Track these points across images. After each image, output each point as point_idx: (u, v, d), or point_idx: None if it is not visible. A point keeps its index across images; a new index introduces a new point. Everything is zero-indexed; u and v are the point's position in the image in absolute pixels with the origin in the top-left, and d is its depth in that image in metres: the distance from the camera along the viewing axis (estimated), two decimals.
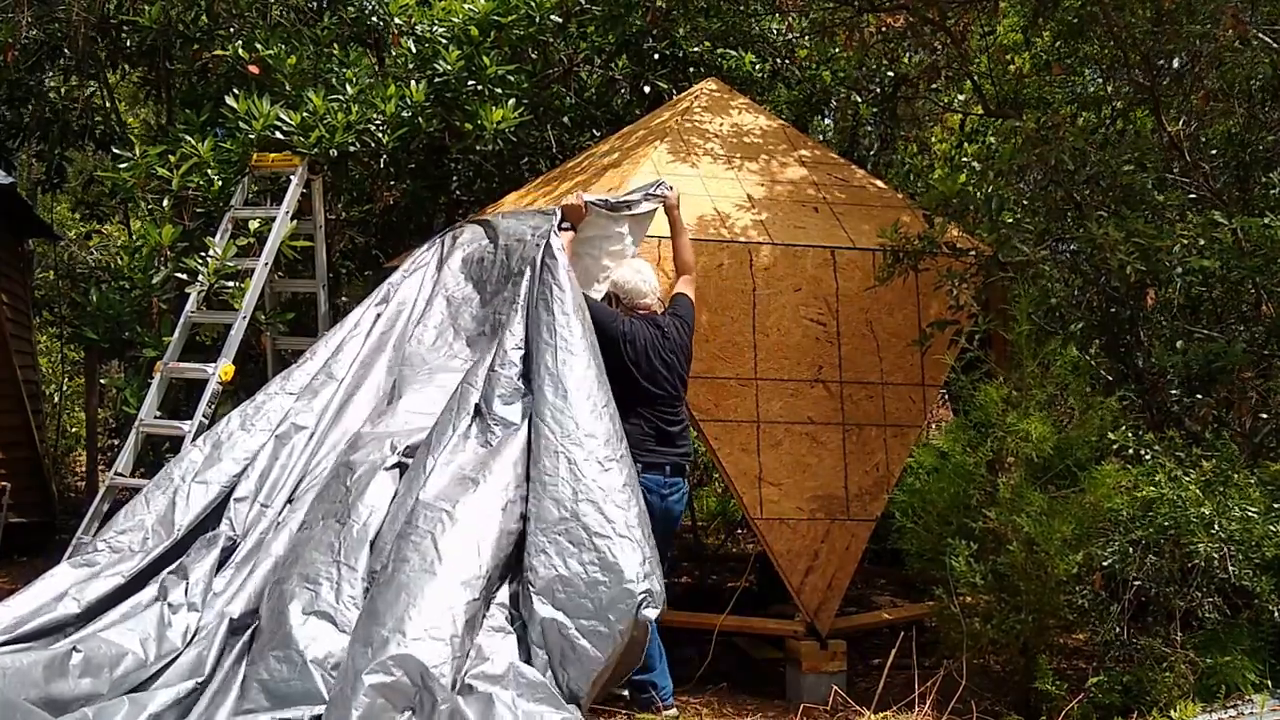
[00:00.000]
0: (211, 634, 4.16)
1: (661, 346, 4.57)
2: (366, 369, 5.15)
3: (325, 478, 4.70)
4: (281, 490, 4.85)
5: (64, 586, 4.47)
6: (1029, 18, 6.30)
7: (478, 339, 5.12)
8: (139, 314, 6.02)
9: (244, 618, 4.23)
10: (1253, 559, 4.03)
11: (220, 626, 4.19)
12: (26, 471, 7.92)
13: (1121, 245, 4.58)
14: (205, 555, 4.52)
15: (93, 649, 3.84)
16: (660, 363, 4.55)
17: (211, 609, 4.32)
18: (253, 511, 4.78)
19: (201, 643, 4.15)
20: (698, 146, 5.96)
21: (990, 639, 4.28)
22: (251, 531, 4.69)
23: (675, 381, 4.60)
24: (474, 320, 5.21)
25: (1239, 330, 5.22)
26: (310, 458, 4.94)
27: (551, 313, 4.46)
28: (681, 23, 7.78)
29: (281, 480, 4.87)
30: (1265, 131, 5.48)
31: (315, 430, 5.00)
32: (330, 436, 4.97)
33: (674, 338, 4.61)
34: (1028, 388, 4.44)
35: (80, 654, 3.73)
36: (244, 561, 4.53)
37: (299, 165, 5.95)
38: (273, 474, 4.88)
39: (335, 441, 4.94)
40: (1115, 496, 4.14)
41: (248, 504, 4.79)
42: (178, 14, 6.49)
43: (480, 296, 5.25)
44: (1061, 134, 5.29)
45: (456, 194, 7.94)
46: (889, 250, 5.16)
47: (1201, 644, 4.09)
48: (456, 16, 6.51)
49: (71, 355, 11.68)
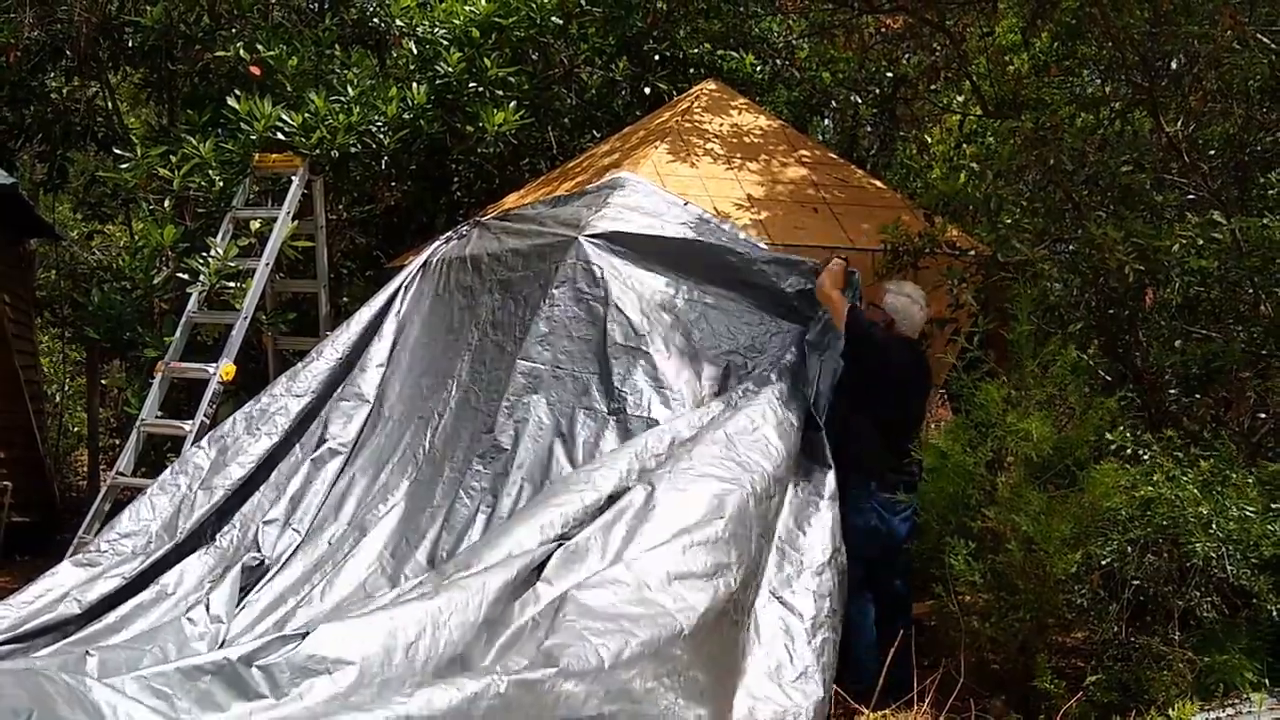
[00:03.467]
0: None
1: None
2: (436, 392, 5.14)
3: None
4: (309, 514, 4.90)
5: (66, 587, 4.49)
6: (1027, 19, 6.31)
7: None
8: (140, 314, 6.04)
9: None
10: (1250, 558, 4.03)
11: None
12: (28, 471, 7.93)
13: (1120, 245, 4.59)
14: (227, 575, 4.54)
15: (109, 655, 3.84)
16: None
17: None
18: (285, 535, 4.80)
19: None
20: (697, 146, 5.98)
21: (989, 637, 4.29)
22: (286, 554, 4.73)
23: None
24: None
25: (1237, 330, 5.23)
26: (348, 483, 4.99)
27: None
28: (682, 24, 7.80)
29: (313, 504, 4.92)
30: (1263, 132, 5.49)
31: (351, 456, 5.06)
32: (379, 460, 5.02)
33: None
34: (1027, 387, 4.45)
35: (95, 658, 3.74)
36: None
37: (300, 166, 5.96)
38: (305, 498, 4.92)
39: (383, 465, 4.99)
40: (1114, 496, 4.15)
41: (278, 528, 4.83)
42: (179, 15, 6.52)
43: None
44: (1060, 135, 5.30)
45: (457, 195, 7.95)
46: (889, 249, 5.18)
47: (1199, 643, 4.10)
48: (458, 18, 6.53)
49: (73, 355, 11.70)
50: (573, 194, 5.59)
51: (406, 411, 5.18)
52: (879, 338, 4.73)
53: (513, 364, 4.93)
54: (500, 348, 5.10)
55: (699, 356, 4.92)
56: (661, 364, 4.82)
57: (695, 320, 5.00)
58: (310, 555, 4.68)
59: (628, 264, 5.03)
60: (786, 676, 3.90)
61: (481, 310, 5.29)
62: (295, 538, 4.78)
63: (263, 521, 4.81)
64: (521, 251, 5.31)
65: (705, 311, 5.02)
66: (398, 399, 5.24)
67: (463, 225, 5.94)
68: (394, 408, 5.22)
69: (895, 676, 4.10)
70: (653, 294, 5.00)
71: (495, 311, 5.23)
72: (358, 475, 5.00)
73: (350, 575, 4.48)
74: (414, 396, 5.22)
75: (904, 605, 4.74)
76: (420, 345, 5.39)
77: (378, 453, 5.07)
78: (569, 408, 4.77)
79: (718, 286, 5.07)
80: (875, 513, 4.61)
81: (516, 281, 5.24)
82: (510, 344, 5.07)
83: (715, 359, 4.94)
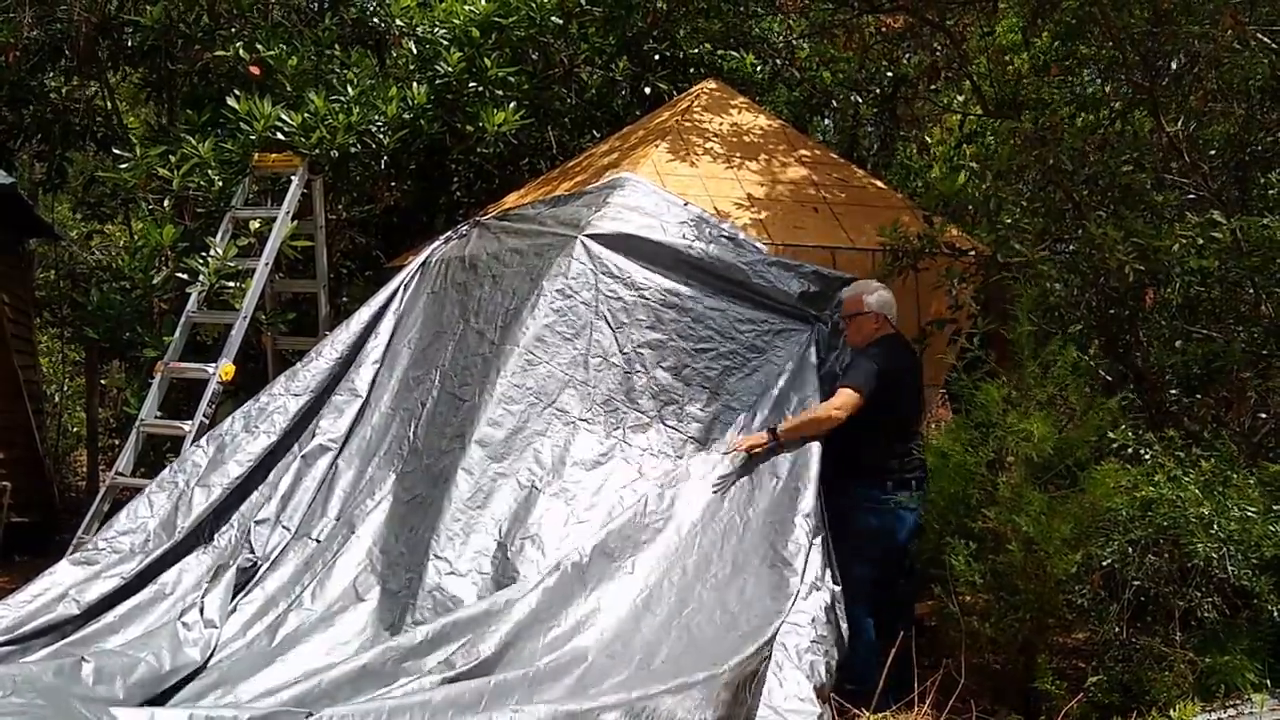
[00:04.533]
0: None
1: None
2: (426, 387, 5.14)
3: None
4: (299, 511, 4.87)
5: (64, 586, 4.47)
6: (1027, 19, 6.30)
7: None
8: (140, 314, 6.04)
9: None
10: (1251, 559, 4.03)
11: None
12: (27, 471, 7.92)
13: (1120, 245, 4.59)
14: (222, 576, 4.53)
15: (104, 661, 3.83)
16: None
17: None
18: (275, 533, 4.79)
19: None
20: (697, 145, 5.97)
21: (989, 638, 4.29)
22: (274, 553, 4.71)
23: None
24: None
25: (1237, 330, 5.22)
26: (335, 478, 4.97)
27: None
28: (682, 24, 7.79)
29: (303, 501, 4.89)
30: (1264, 132, 5.48)
31: (341, 451, 5.03)
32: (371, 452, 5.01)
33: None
34: (1028, 388, 4.45)
35: (90, 664, 3.73)
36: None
37: (300, 166, 5.96)
38: (295, 495, 4.90)
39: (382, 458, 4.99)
40: (1115, 496, 4.15)
41: (269, 526, 4.81)
42: (179, 14, 6.50)
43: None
44: (1060, 135, 5.29)
45: (457, 195, 7.95)
46: (889, 250, 5.17)
47: (1200, 644, 4.09)
48: (457, 18, 6.51)
49: (72, 355, 11.70)
50: (573, 194, 5.58)
51: (394, 404, 5.18)
52: (883, 366, 4.65)
53: (494, 352, 4.93)
54: (480, 335, 5.10)
55: (693, 363, 4.93)
56: (642, 378, 4.86)
57: (693, 321, 4.99)
58: (300, 554, 4.67)
59: (627, 263, 5.03)
60: (776, 699, 3.85)
61: (471, 303, 5.30)
62: (285, 535, 4.77)
63: (254, 521, 4.79)
64: (520, 251, 5.31)
65: (704, 312, 5.02)
66: (387, 393, 5.24)
67: (462, 225, 5.93)
68: (383, 401, 5.21)
69: (896, 677, 4.09)
70: (650, 294, 5.00)
71: (481, 302, 5.24)
72: (345, 469, 4.98)
73: (340, 575, 4.48)
74: (402, 390, 5.23)
75: (906, 606, 4.73)
76: (413, 341, 5.39)
77: (365, 447, 5.06)
78: (544, 406, 4.76)
79: (717, 287, 5.06)
80: (879, 513, 4.59)
81: (509, 276, 5.24)
82: (491, 332, 5.06)
83: (712, 362, 4.94)
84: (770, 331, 5.02)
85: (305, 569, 4.59)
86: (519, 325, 4.90)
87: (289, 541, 4.74)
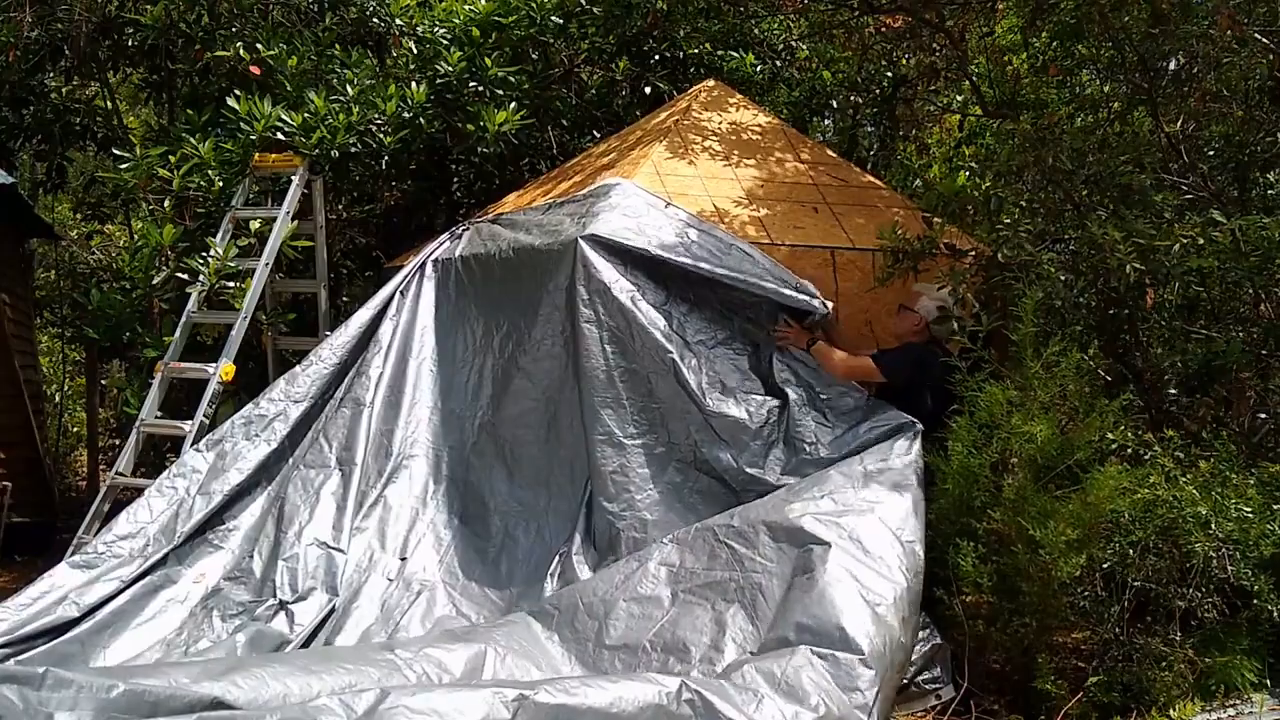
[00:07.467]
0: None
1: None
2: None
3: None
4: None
5: (64, 589, 4.50)
6: (1027, 19, 6.31)
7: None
8: (140, 314, 6.03)
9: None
10: (1250, 558, 4.04)
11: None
12: (27, 471, 7.91)
13: (1120, 245, 4.59)
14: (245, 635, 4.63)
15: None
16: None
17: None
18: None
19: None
20: (696, 144, 5.97)
21: (994, 641, 4.29)
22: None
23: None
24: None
25: (1237, 330, 5.23)
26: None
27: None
28: (682, 24, 7.79)
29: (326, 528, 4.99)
30: (1262, 132, 5.49)
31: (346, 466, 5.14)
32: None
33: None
34: (1031, 389, 4.45)
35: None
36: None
37: (300, 166, 5.96)
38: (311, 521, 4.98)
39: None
40: (1117, 498, 4.15)
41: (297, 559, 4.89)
42: (179, 14, 6.50)
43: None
44: (1059, 135, 5.30)
45: (457, 195, 7.95)
46: (889, 251, 5.17)
47: (1200, 643, 4.10)
48: (458, 17, 6.52)
49: (72, 355, 11.68)
50: (564, 199, 5.57)
51: (403, 416, 5.30)
52: (918, 355, 4.85)
53: (496, 368, 5.22)
54: (483, 352, 5.34)
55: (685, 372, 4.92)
56: (634, 394, 4.92)
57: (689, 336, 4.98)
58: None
59: (622, 270, 5.00)
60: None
61: (470, 311, 5.43)
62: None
63: (283, 558, 4.77)
64: (511, 258, 5.34)
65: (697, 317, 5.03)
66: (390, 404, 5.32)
67: (458, 227, 5.94)
68: (389, 414, 5.30)
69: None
70: (645, 301, 4.97)
71: (483, 313, 5.41)
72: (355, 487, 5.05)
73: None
74: (404, 401, 5.34)
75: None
76: (415, 349, 5.44)
77: (375, 458, 5.16)
78: (542, 424, 5.05)
79: (710, 298, 5.05)
80: None
81: (505, 286, 5.32)
82: (492, 350, 5.32)
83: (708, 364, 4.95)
84: (763, 345, 5.05)
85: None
86: (515, 343, 5.17)
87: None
